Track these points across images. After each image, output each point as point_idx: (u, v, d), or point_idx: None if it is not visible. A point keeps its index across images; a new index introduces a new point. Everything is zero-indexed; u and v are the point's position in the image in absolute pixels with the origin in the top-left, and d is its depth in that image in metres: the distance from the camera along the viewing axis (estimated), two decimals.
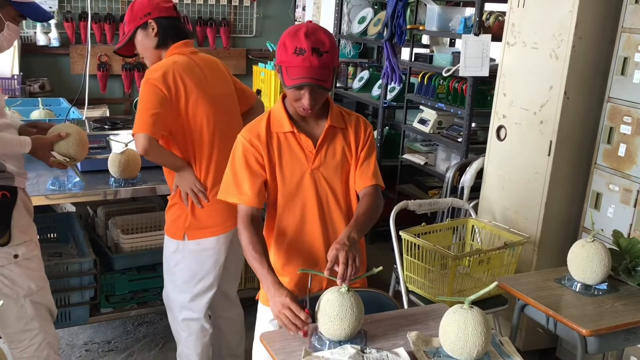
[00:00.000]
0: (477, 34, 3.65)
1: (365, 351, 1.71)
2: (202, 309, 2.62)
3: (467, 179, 3.55)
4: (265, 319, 2.08)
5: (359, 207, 1.98)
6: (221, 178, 2.10)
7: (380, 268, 1.82)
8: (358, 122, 2.05)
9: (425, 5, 4.34)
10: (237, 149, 1.98)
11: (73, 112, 3.73)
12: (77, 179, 2.87)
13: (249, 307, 2.85)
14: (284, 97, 2.00)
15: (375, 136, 4.76)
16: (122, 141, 3.07)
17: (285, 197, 1.99)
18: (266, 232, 2.05)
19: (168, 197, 2.62)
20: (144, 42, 2.51)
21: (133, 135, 2.38)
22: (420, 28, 4.30)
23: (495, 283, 1.80)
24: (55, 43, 5.03)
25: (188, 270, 2.56)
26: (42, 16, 2.33)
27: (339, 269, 1.75)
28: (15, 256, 2.24)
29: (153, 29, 2.47)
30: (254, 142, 1.95)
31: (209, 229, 2.51)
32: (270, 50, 5.28)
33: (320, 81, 1.82)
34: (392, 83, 4.29)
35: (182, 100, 2.42)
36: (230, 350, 2.90)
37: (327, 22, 5.29)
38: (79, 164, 2.94)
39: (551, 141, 3.07)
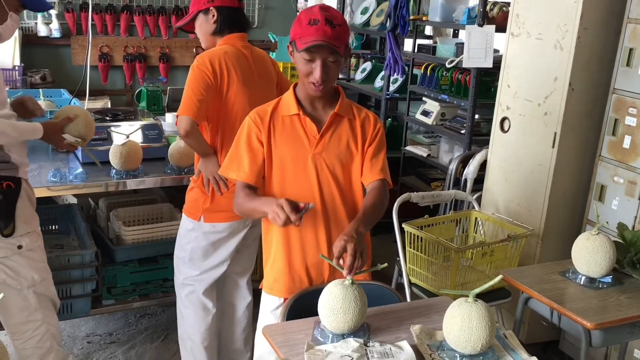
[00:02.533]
0: (480, 25, 3.62)
1: (368, 344, 1.69)
2: (205, 285, 2.69)
3: (471, 171, 3.53)
4: (268, 308, 2.10)
5: (366, 200, 1.98)
6: None
7: (385, 265, 1.81)
8: (367, 117, 2.05)
9: None
10: (243, 128, 2.03)
11: (74, 104, 3.71)
12: (80, 169, 2.89)
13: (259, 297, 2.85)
14: (295, 85, 2.02)
15: None
16: (124, 133, 3.05)
17: (286, 179, 2.00)
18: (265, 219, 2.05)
19: (191, 178, 2.70)
20: (203, 26, 2.62)
21: (177, 115, 2.47)
22: (424, 19, 4.26)
23: (500, 277, 1.79)
24: (56, 34, 5.00)
25: (199, 249, 2.65)
26: (42, 6, 2.35)
27: (347, 260, 1.75)
28: (19, 247, 2.25)
29: (213, 15, 2.57)
30: (257, 122, 1.99)
31: (225, 214, 2.59)
32: (273, 41, 5.25)
33: (333, 46, 1.84)
34: (395, 74, 4.27)
35: (224, 89, 2.53)
36: (235, 341, 2.91)
37: None
38: (79, 153, 3.03)
39: (555, 133, 3.05)
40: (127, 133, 3.04)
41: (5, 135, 2.17)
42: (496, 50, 3.66)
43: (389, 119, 4.88)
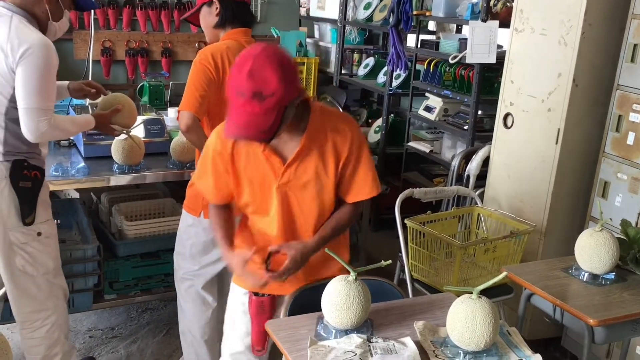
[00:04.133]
0: (484, 20, 3.61)
1: (371, 340, 1.69)
2: (205, 280, 2.70)
3: (473, 167, 3.52)
4: (238, 299, 2.13)
5: (331, 220, 1.97)
6: None
7: (389, 262, 1.81)
8: (341, 133, 1.88)
9: None
10: (208, 147, 1.96)
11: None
12: (82, 164, 2.92)
13: None
14: None
15: (380, 123, 4.74)
16: None
17: (251, 208, 1.97)
18: (239, 232, 2.08)
19: (191, 173, 2.70)
20: (206, 19, 2.62)
21: (179, 111, 2.47)
22: (427, 14, 4.25)
23: (504, 273, 1.79)
24: None
25: (199, 244, 2.66)
26: (90, 5, 2.54)
27: (281, 268, 1.85)
28: (39, 234, 2.36)
29: (217, 8, 2.57)
30: (220, 150, 1.91)
31: None
32: (275, 36, 5.24)
33: (258, 133, 1.70)
34: (398, 70, 4.25)
35: (225, 84, 2.47)
36: None
37: (332, 8, 5.24)
38: (81, 147, 3.13)
39: (559, 129, 3.04)
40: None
41: (67, 131, 2.42)
42: (500, 46, 3.64)
43: (392, 115, 4.87)
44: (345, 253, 2.09)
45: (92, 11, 4.13)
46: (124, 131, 2.73)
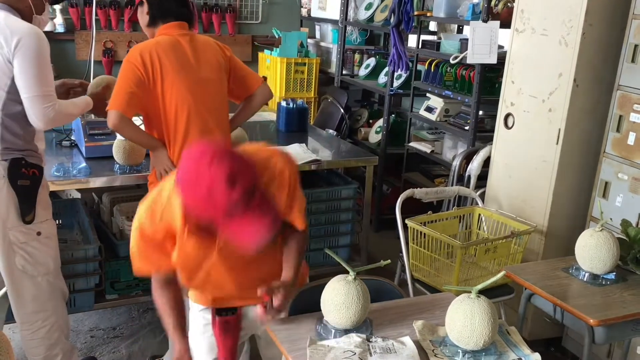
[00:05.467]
0: (485, 21, 3.61)
1: (371, 340, 1.70)
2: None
3: (474, 167, 3.52)
4: (199, 322, 1.99)
5: (291, 252, 1.84)
6: None
7: (388, 261, 1.81)
8: (274, 180, 1.73)
9: None
10: (139, 224, 1.75)
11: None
12: (83, 164, 2.94)
13: None
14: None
15: (382, 124, 4.74)
16: None
17: (193, 278, 1.81)
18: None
19: (148, 175, 2.72)
20: (141, 19, 2.65)
21: (106, 110, 2.48)
22: (428, 14, 4.25)
23: (502, 272, 1.79)
24: (60, 29, 5.01)
25: None
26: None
27: (275, 303, 1.69)
28: (38, 233, 2.36)
29: (146, 7, 2.57)
30: (154, 226, 1.72)
31: None
32: (277, 36, 5.24)
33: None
34: (399, 70, 4.26)
35: (158, 81, 2.50)
36: None
37: (334, 9, 5.25)
38: (83, 147, 3.16)
39: (560, 129, 3.04)
40: None
41: (71, 115, 2.42)
42: (500, 46, 3.64)
43: (393, 115, 4.87)
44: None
45: (94, 12, 4.13)
46: None
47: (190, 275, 1.79)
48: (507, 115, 3.35)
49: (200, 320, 1.98)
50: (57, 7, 4.95)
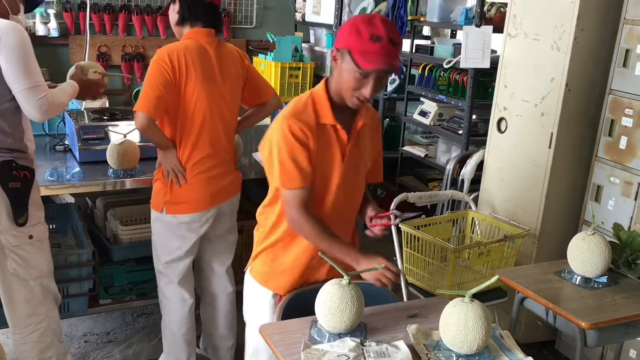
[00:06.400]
0: (478, 25, 3.63)
1: (365, 344, 1.70)
2: (175, 276, 2.75)
3: (468, 171, 3.54)
4: (263, 301, 2.07)
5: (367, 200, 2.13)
6: (202, 162, 2.60)
7: (382, 265, 1.81)
8: (375, 118, 2.11)
9: None
10: (286, 137, 1.87)
11: (72, 103, 3.71)
12: (77, 169, 2.92)
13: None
14: (325, 84, 1.95)
15: None
16: (121, 132, 3.06)
17: (316, 186, 1.95)
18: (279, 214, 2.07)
19: (155, 172, 2.74)
20: (171, 16, 2.68)
21: (134, 111, 2.51)
22: (421, 19, 4.27)
23: (496, 277, 1.80)
24: (54, 33, 5.00)
25: (164, 240, 2.73)
26: (35, 4, 2.54)
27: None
28: (30, 237, 2.34)
29: (177, 6, 2.61)
30: (304, 130, 1.87)
31: (186, 205, 2.65)
32: (271, 41, 5.25)
33: (394, 67, 1.82)
34: (393, 75, 4.27)
35: (182, 83, 2.55)
36: (218, 327, 2.97)
37: (328, 13, 5.26)
38: (76, 152, 3.14)
39: (552, 133, 3.06)
40: (124, 132, 3.04)
41: (63, 104, 2.38)
42: (493, 51, 3.66)
43: (387, 119, 4.89)
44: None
45: (88, 16, 4.12)
46: (102, 73, 2.66)
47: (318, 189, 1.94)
48: (500, 120, 3.37)
49: (267, 313, 2.06)
50: (52, 11, 4.94)
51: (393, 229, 2.96)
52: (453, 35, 4.97)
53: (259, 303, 2.09)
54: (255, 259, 2.11)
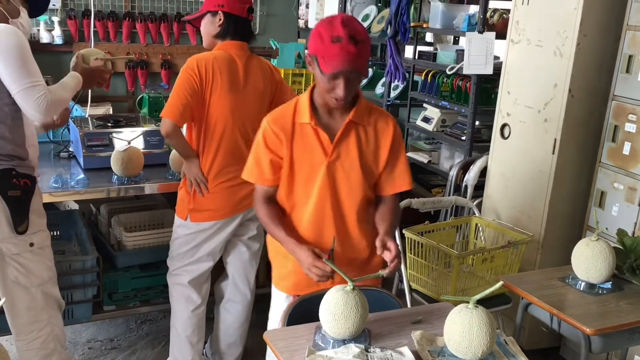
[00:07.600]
0: (481, 32, 3.64)
1: (369, 350, 1.70)
2: (189, 277, 2.82)
3: (471, 177, 3.54)
4: (277, 302, 2.18)
5: (387, 212, 2.06)
6: (223, 172, 2.65)
7: (387, 271, 1.82)
8: (383, 121, 2.05)
9: (429, 2, 4.32)
10: (259, 139, 2.04)
11: (76, 110, 3.72)
12: (82, 175, 2.93)
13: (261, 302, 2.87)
14: (312, 88, 2.01)
15: None
16: (125, 139, 3.07)
17: (301, 188, 2.03)
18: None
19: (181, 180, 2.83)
20: (208, 27, 2.69)
21: (161, 116, 2.57)
22: (424, 26, 4.28)
23: (500, 282, 1.79)
24: (58, 40, 5.02)
25: (185, 244, 2.79)
26: (41, 10, 2.51)
27: (392, 251, 1.87)
28: (31, 244, 2.33)
29: (220, 19, 2.64)
30: (277, 132, 1.99)
31: (208, 213, 2.72)
32: (274, 48, 5.26)
33: (357, 69, 1.83)
34: (396, 81, 4.28)
35: (207, 93, 2.59)
36: (231, 335, 2.98)
37: None
38: (81, 159, 3.14)
39: (555, 139, 3.06)
40: (128, 139, 3.05)
41: (65, 99, 2.36)
42: (496, 57, 3.67)
43: None
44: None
45: (92, 23, 4.12)
46: (104, 59, 2.71)
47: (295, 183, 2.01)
48: (504, 126, 3.37)
49: (279, 313, 2.10)
50: (56, 19, 4.97)
51: (397, 235, 2.96)
52: (456, 42, 4.97)
53: (276, 304, 2.19)
54: (273, 260, 2.20)
